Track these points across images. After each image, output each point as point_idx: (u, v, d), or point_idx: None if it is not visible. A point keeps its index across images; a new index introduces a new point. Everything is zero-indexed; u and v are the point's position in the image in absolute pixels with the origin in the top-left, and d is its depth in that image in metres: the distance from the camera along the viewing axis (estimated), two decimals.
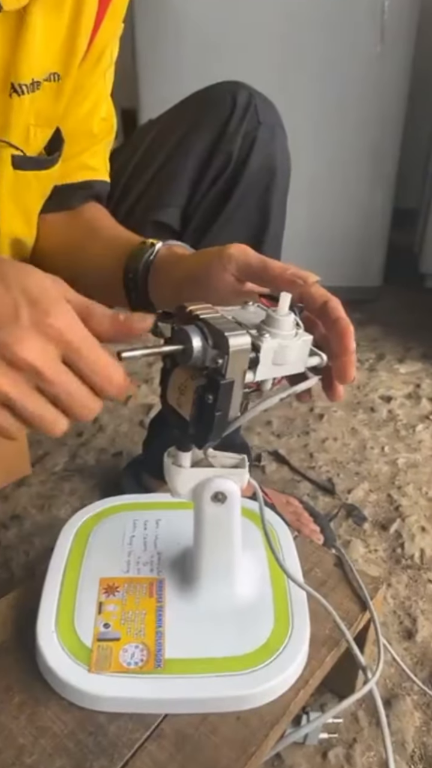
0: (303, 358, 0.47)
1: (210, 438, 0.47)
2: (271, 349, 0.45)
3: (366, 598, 0.59)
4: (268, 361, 0.46)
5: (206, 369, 0.45)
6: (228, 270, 0.49)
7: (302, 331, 0.47)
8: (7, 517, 0.94)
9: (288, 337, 0.46)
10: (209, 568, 0.54)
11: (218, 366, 0.43)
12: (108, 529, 0.63)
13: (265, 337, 0.45)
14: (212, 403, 0.44)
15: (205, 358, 0.44)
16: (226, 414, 0.46)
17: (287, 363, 0.47)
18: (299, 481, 1.04)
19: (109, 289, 0.62)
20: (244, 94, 0.69)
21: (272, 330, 0.45)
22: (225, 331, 0.43)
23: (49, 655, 0.50)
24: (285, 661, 0.50)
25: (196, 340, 0.44)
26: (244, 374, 0.45)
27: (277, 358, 0.46)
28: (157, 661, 0.49)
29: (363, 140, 1.49)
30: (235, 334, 0.43)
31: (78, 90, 0.62)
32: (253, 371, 0.46)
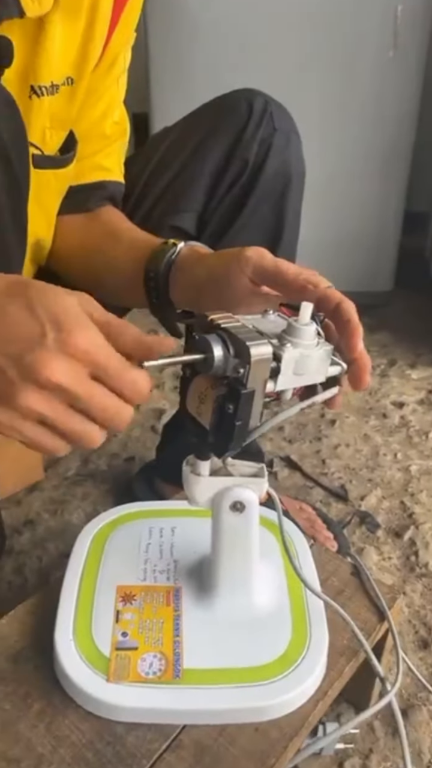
0: (323, 368, 0.47)
1: (230, 447, 0.47)
2: (293, 359, 0.45)
3: (384, 607, 0.58)
4: (289, 370, 0.46)
5: (227, 378, 0.45)
6: (245, 272, 0.50)
7: (323, 340, 0.47)
8: (20, 522, 0.94)
9: (309, 347, 0.46)
10: (227, 577, 0.54)
11: (239, 375, 0.43)
12: (124, 537, 0.62)
13: (286, 346, 0.45)
14: (233, 412, 0.44)
15: (227, 367, 0.44)
16: (247, 423, 0.45)
17: (308, 372, 0.46)
18: (312, 487, 1.03)
19: (129, 290, 0.63)
20: (260, 101, 0.70)
21: (293, 339, 0.45)
22: (246, 341, 0.43)
23: (68, 664, 0.50)
24: (304, 673, 0.50)
25: (218, 350, 0.44)
26: (265, 384, 0.45)
27: (298, 368, 0.46)
28: (176, 671, 0.49)
29: (375, 144, 1.49)
30: (256, 343, 0.43)
31: (91, 93, 0.63)
32: (274, 381, 0.45)
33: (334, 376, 0.49)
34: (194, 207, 0.72)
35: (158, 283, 0.59)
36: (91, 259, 0.68)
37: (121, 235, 0.67)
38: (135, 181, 0.76)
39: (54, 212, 0.68)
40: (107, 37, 0.61)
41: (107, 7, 0.59)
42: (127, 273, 0.62)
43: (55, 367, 0.36)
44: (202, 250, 0.58)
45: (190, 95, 0.78)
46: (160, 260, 0.59)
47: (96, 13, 0.58)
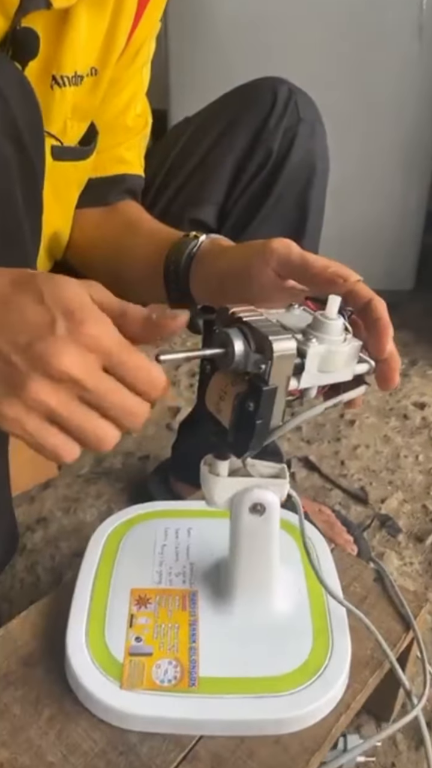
0: (351, 365, 0.45)
1: (250, 447, 0.44)
2: (318, 355, 0.43)
3: (409, 616, 0.56)
4: (313, 367, 0.43)
5: (248, 374, 0.42)
6: (269, 264, 0.47)
7: (351, 336, 0.44)
8: (32, 520, 0.93)
9: (336, 343, 0.43)
10: (245, 581, 0.52)
11: (261, 372, 0.41)
12: (138, 538, 0.61)
13: (311, 342, 0.43)
14: (253, 410, 0.42)
15: (248, 363, 0.42)
16: (268, 423, 0.43)
17: (334, 370, 0.44)
18: (330, 489, 1.01)
19: (148, 283, 0.61)
20: (284, 89, 0.67)
21: (319, 335, 0.43)
22: (269, 335, 0.41)
23: (79, 669, 0.48)
24: (326, 684, 0.48)
25: (238, 344, 0.42)
26: (288, 381, 0.42)
27: (323, 365, 0.44)
28: (192, 679, 0.47)
29: (398, 139, 1.45)
30: (279, 338, 0.41)
31: (114, 84, 0.62)
32: (298, 378, 0.43)
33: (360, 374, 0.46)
34: (215, 199, 0.70)
35: (178, 277, 0.57)
36: (109, 252, 0.67)
37: (140, 229, 0.65)
38: (155, 172, 0.74)
39: (72, 205, 0.67)
40: (132, 27, 0.60)
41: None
42: (147, 267, 0.61)
43: (66, 356, 0.34)
44: (225, 243, 0.56)
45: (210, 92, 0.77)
46: (180, 253, 0.57)
47: (122, 3, 0.57)
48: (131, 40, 0.61)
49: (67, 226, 0.68)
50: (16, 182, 0.49)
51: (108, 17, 0.57)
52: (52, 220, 0.64)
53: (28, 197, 0.50)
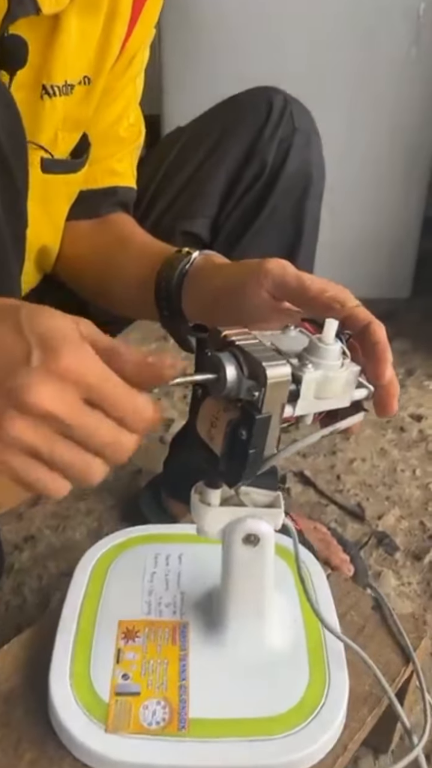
0: (349, 391, 0.43)
1: (243, 477, 0.42)
2: (314, 381, 0.41)
3: (408, 648, 0.54)
4: (309, 394, 0.41)
5: (240, 401, 0.40)
6: (264, 286, 0.45)
7: (349, 360, 0.42)
8: (20, 538, 0.90)
9: (333, 368, 0.41)
10: (238, 614, 0.49)
11: (254, 399, 0.39)
12: (127, 564, 0.58)
13: (307, 367, 0.40)
14: (246, 439, 0.40)
15: (240, 389, 0.40)
16: (261, 452, 0.41)
17: (331, 396, 0.42)
18: (326, 505, 0.98)
19: (139, 300, 0.59)
20: (279, 99, 0.66)
21: (316, 360, 0.41)
22: (262, 361, 0.39)
23: (63, 710, 0.45)
24: (322, 725, 0.45)
25: (230, 369, 0.40)
26: (282, 408, 0.40)
27: (320, 391, 0.41)
28: (181, 721, 0.45)
29: (394, 146, 1.44)
30: (273, 364, 0.39)
31: (107, 93, 0.60)
32: (293, 405, 0.41)
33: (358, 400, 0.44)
34: (208, 211, 0.68)
35: (170, 294, 0.55)
36: (99, 267, 0.65)
37: (131, 243, 0.63)
38: (147, 183, 0.72)
39: (62, 218, 0.65)
40: (126, 35, 0.58)
41: (127, 3, 0.56)
42: (138, 283, 0.59)
43: (42, 391, 0.32)
44: (218, 260, 0.54)
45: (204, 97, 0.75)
46: (173, 270, 0.55)
47: (116, 9, 0.55)
48: (125, 48, 0.59)
49: (56, 240, 0.66)
50: None
51: (101, 24, 0.55)
52: (41, 234, 0.62)
53: (8, 209, 0.48)
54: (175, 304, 0.56)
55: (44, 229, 0.63)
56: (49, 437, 0.33)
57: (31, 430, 0.32)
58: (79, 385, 0.33)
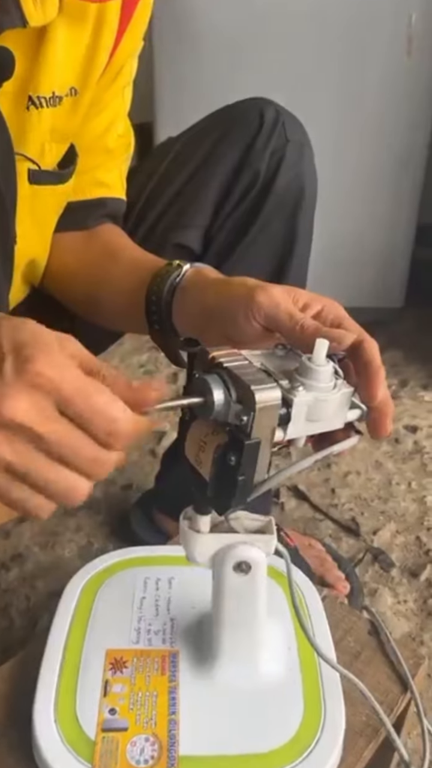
0: (342, 413, 0.41)
1: (232, 504, 0.41)
2: (305, 404, 0.39)
3: (407, 676, 0.52)
4: (301, 417, 0.40)
5: (229, 425, 0.39)
6: (256, 319, 0.44)
7: (342, 381, 0.41)
8: (7, 557, 0.88)
9: (325, 390, 0.40)
10: (230, 644, 0.48)
11: (242, 423, 0.37)
12: (116, 589, 0.56)
13: (298, 390, 0.39)
14: (235, 465, 0.38)
15: (228, 413, 0.38)
16: (251, 478, 0.39)
17: (323, 419, 0.40)
18: (321, 520, 0.97)
19: (129, 314, 0.58)
20: (271, 110, 0.64)
21: (307, 381, 0.39)
22: (251, 384, 0.37)
23: (46, 749, 0.43)
24: (317, 761, 0.43)
25: (218, 393, 0.38)
26: (272, 433, 0.39)
27: (311, 414, 0.40)
28: (170, 759, 0.43)
29: (387, 153, 1.43)
30: (263, 387, 0.37)
31: (95, 104, 0.59)
32: (284, 429, 0.39)
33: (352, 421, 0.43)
34: (200, 222, 0.67)
35: (160, 309, 0.54)
36: (88, 279, 0.64)
37: (121, 255, 0.62)
38: (137, 194, 0.71)
39: (50, 230, 0.63)
40: (114, 46, 0.57)
41: (115, 14, 0.54)
42: (127, 296, 0.58)
43: (14, 401, 0.30)
44: (210, 274, 0.53)
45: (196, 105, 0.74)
46: (163, 283, 0.53)
47: (103, 20, 0.54)
48: (113, 59, 0.58)
49: (44, 252, 0.64)
50: None
51: (88, 35, 0.54)
52: (30, 246, 0.61)
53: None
54: (166, 317, 0.54)
55: (32, 241, 0.61)
56: (23, 451, 0.31)
57: (4, 444, 0.31)
58: (51, 392, 0.31)
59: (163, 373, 1.35)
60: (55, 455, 0.32)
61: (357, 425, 0.44)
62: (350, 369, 0.43)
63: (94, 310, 0.65)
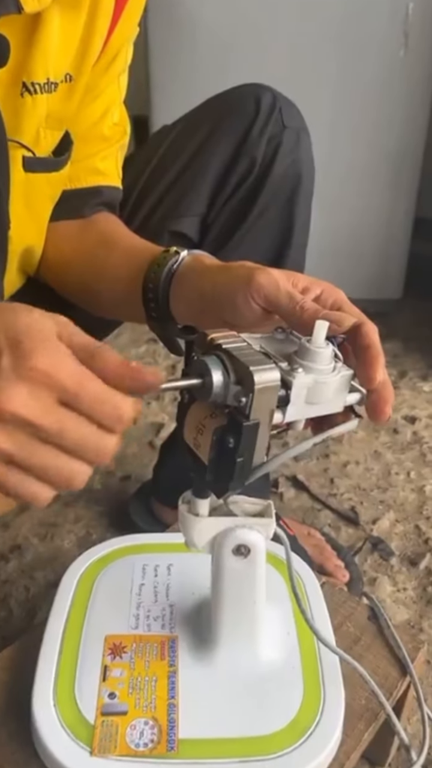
0: (341, 396, 0.41)
1: (231, 487, 0.40)
2: (304, 386, 0.39)
3: (406, 660, 0.52)
4: (300, 399, 0.39)
5: (227, 407, 0.38)
6: (255, 301, 0.44)
7: (341, 364, 0.41)
8: (6, 548, 0.88)
9: (324, 372, 0.39)
10: (229, 628, 0.48)
11: (241, 405, 0.37)
12: (115, 576, 0.56)
13: (297, 372, 0.39)
14: (233, 447, 0.38)
15: (227, 395, 0.38)
16: (250, 460, 0.39)
17: (323, 401, 0.40)
18: (320, 509, 0.97)
19: (126, 302, 0.58)
20: (268, 96, 0.64)
21: (306, 363, 0.39)
22: (250, 365, 0.37)
23: (46, 734, 0.43)
24: (317, 743, 0.44)
25: (216, 375, 0.38)
26: (271, 415, 0.38)
27: (311, 396, 0.40)
28: (170, 742, 0.43)
29: (384, 147, 1.43)
30: (261, 368, 0.37)
31: (90, 90, 0.58)
32: (283, 411, 0.39)
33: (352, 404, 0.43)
34: (197, 210, 0.67)
35: (158, 296, 0.54)
36: (85, 268, 0.63)
37: (117, 243, 0.62)
38: (134, 182, 0.70)
39: (46, 219, 0.63)
40: (109, 31, 0.56)
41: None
42: (124, 284, 0.57)
43: (12, 395, 0.31)
44: (207, 260, 0.52)
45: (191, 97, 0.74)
46: (160, 271, 0.53)
47: (98, 5, 0.53)
48: (108, 45, 0.57)
49: (40, 241, 0.64)
50: None
51: (83, 21, 0.53)
52: (25, 235, 0.60)
53: None
54: (163, 305, 0.54)
55: (28, 229, 0.61)
56: (25, 443, 0.32)
57: (5, 437, 0.31)
58: (51, 386, 0.32)
59: (161, 365, 1.35)
60: (55, 444, 0.33)
61: (357, 409, 0.44)
62: (349, 352, 0.43)
63: (90, 299, 0.64)
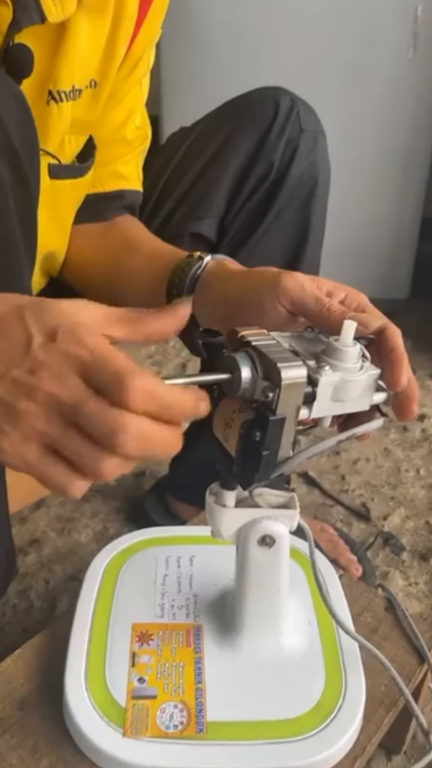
0: (368, 395, 0.42)
1: (256, 479, 0.42)
2: (331, 384, 0.40)
3: (423, 648, 0.54)
4: (326, 396, 0.41)
5: (255, 402, 0.40)
6: (281, 303, 0.45)
7: (369, 363, 0.42)
8: (25, 542, 0.90)
9: (351, 371, 0.41)
10: (253, 616, 0.49)
11: (268, 400, 0.39)
12: (138, 568, 0.58)
13: (324, 369, 0.40)
14: (260, 440, 0.40)
15: (255, 390, 0.39)
16: (275, 454, 0.41)
17: (349, 399, 0.41)
18: (332, 505, 0.98)
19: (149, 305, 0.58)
20: (286, 100, 0.65)
21: (333, 362, 0.40)
22: (278, 362, 0.38)
23: (80, 716, 0.45)
24: (340, 727, 0.45)
25: (245, 370, 0.39)
26: (297, 410, 0.40)
27: (337, 394, 0.41)
28: (199, 724, 0.45)
29: (392, 148, 1.44)
30: (289, 365, 0.38)
31: (113, 95, 0.60)
32: (309, 407, 0.41)
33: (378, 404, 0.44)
34: (215, 212, 0.68)
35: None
36: (107, 271, 0.64)
37: (140, 247, 0.63)
38: (153, 185, 0.72)
39: (69, 223, 0.64)
40: (133, 36, 0.57)
41: (133, 4, 0.55)
42: (147, 287, 0.58)
43: (44, 374, 0.32)
44: (231, 266, 0.53)
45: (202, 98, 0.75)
46: (184, 275, 0.54)
47: (122, 11, 0.54)
48: (132, 49, 0.58)
49: (63, 245, 0.65)
50: (11, 202, 0.47)
51: (108, 27, 0.54)
52: (48, 240, 0.62)
53: (23, 218, 0.48)
54: None
55: (52, 235, 0.62)
56: (59, 425, 0.32)
57: (41, 418, 0.32)
58: (81, 367, 0.32)
59: (170, 363, 1.37)
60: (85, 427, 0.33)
61: (383, 408, 0.45)
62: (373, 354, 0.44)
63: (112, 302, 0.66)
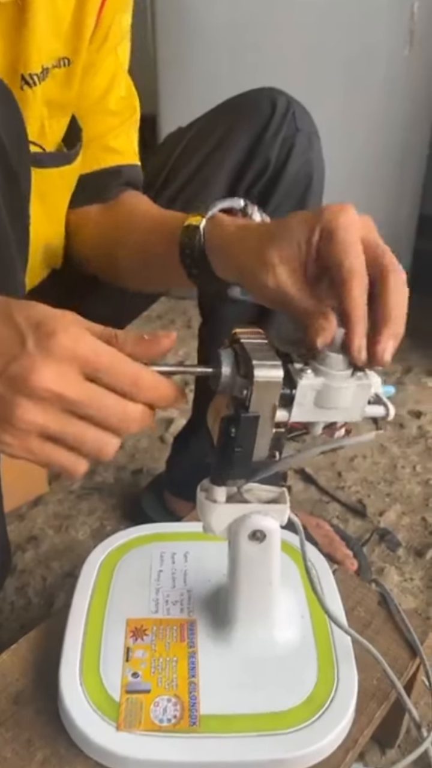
0: (360, 406, 0.41)
1: (230, 475, 0.42)
2: (312, 388, 0.40)
3: (416, 642, 0.54)
4: (307, 401, 0.40)
5: (235, 399, 0.40)
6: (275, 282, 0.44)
7: (362, 374, 0.41)
8: (23, 539, 0.90)
9: (336, 378, 0.40)
10: (245, 610, 0.50)
11: (242, 397, 0.39)
12: (133, 563, 0.58)
13: (306, 372, 0.40)
14: (234, 436, 0.40)
15: (234, 386, 0.40)
16: (249, 452, 0.41)
17: (336, 407, 0.41)
18: (328, 502, 0.99)
19: (165, 270, 0.57)
20: (282, 100, 0.66)
21: (317, 366, 0.40)
22: (254, 359, 0.38)
23: (74, 710, 0.45)
24: (332, 719, 0.46)
25: (226, 366, 0.40)
26: (273, 411, 0.39)
27: (321, 400, 0.40)
28: (192, 717, 0.45)
29: (388, 145, 1.44)
30: (264, 363, 0.38)
31: (88, 68, 0.58)
32: (288, 410, 0.40)
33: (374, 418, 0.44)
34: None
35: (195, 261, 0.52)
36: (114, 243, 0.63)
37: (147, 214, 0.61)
38: (150, 183, 0.72)
39: (62, 213, 0.64)
40: (100, 6, 0.55)
41: None
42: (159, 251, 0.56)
43: (42, 372, 0.33)
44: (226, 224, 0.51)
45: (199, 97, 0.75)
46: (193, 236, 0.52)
47: None
48: (101, 18, 0.56)
49: (59, 235, 0.65)
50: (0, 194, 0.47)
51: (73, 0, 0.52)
52: (42, 232, 0.61)
53: (13, 213, 0.48)
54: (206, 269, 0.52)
55: (44, 226, 0.61)
56: (57, 417, 0.35)
57: (40, 413, 0.34)
58: (76, 361, 0.34)
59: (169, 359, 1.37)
60: (86, 416, 0.36)
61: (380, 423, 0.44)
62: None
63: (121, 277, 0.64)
